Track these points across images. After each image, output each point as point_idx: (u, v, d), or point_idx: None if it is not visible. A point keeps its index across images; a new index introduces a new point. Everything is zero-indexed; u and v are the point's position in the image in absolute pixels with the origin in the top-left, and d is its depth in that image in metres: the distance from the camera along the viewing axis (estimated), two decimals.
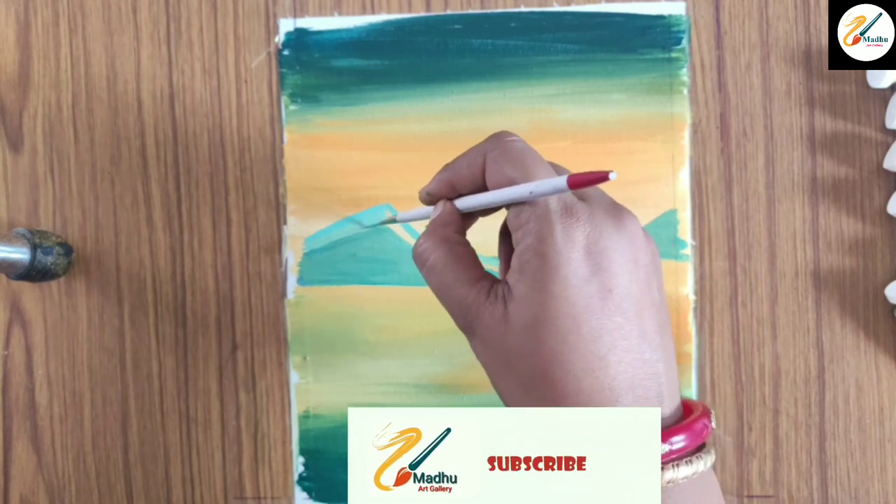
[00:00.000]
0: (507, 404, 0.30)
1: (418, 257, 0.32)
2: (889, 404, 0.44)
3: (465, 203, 0.33)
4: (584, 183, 0.27)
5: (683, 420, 0.29)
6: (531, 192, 0.28)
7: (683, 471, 0.27)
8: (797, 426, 0.45)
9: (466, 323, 0.30)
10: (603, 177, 0.26)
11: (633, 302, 0.28)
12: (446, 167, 0.33)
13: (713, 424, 0.29)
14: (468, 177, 0.32)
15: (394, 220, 0.41)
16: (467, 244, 0.32)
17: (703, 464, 0.28)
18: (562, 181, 0.27)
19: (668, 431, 0.28)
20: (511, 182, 0.29)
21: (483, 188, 0.31)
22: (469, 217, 0.34)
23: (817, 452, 0.45)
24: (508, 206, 0.30)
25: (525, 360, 0.28)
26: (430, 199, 0.34)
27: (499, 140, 0.31)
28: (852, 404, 0.44)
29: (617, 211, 0.29)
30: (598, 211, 0.29)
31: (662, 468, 0.27)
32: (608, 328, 0.27)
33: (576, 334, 0.27)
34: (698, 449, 0.29)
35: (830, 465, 0.44)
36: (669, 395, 0.29)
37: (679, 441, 0.28)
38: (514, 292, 0.29)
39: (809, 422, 0.45)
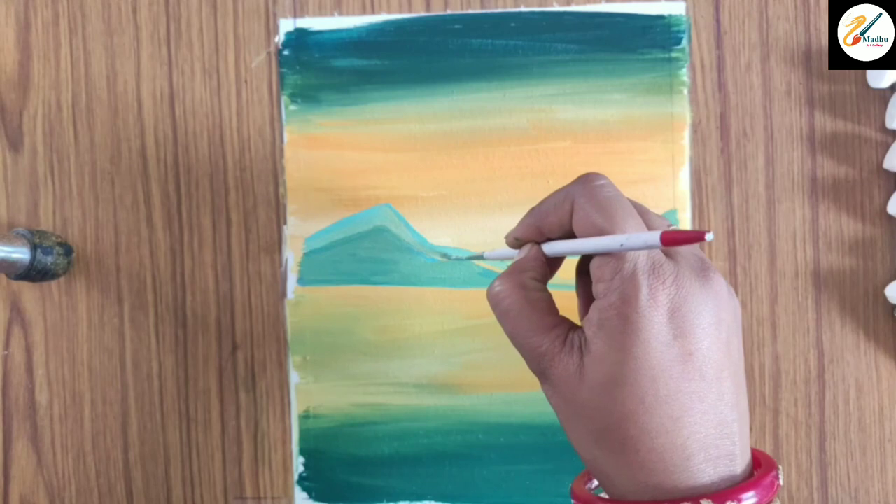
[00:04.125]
0: (576, 450, 0.30)
1: (492, 299, 0.32)
2: (889, 404, 0.44)
3: (551, 249, 0.32)
4: (678, 241, 0.26)
5: (753, 474, 0.29)
6: (622, 245, 0.28)
7: None
8: (797, 426, 0.45)
9: (539, 369, 0.30)
10: (699, 236, 0.25)
11: (712, 365, 0.28)
12: (532, 211, 0.32)
13: (781, 478, 0.29)
14: (555, 222, 0.31)
15: (481, 257, 0.41)
16: (544, 290, 0.32)
17: None
18: (655, 238, 0.26)
19: (738, 488, 0.27)
20: (599, 231, 0.29)
21: (570, 232, 0.31)
22: (556, 261, 0.33)
23: (817, 452, 0.45)
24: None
25: (599, 415, 0.28)
26: (517, 244, 0.33)
27: (587, 185, 0.30)
28: (852, 404, 0.44)
29: (703, 269, 0.29)
30: (685, 270, 0.28)
31: None
32: (686, 391, 0.27)
33: (653, 396, 0.27)
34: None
35: (830, 465, 0.44)
36: (742, 452, 0.28)
37: (750, 498, 0.27)
38: (592, 347, 0.28)
39: (809, 422, 0.45)
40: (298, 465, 0.46)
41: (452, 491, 0.45)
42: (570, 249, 0.31)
